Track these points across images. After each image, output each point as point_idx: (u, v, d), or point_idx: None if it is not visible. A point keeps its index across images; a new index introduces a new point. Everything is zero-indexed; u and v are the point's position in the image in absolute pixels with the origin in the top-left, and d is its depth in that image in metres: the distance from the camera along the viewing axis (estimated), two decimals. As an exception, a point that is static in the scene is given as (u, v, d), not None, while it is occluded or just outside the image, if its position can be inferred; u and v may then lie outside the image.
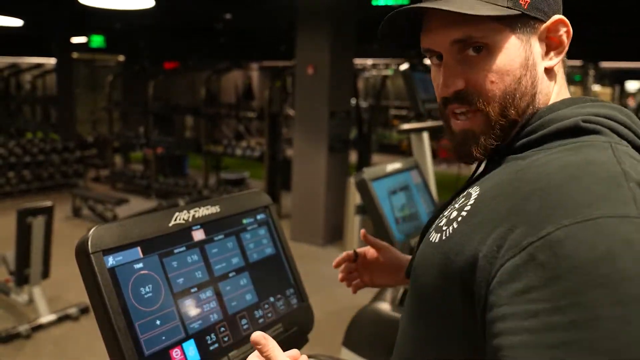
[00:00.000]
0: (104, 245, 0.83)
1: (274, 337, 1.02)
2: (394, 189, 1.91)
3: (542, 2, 0.70)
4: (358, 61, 10.79)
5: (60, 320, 3.62)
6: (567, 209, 0.55)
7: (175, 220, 0.95)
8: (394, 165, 1.98)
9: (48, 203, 3.53)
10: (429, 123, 2.97)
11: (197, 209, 1.00)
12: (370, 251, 1.13)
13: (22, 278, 3.46)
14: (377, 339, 1.72)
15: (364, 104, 10.76)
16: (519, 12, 0.68)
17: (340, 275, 1.15)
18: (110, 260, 0.83)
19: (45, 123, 10.39)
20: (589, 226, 0.53)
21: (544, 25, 0.71)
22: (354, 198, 5.13)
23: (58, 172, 7.49)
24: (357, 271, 1.15)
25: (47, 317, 3.55)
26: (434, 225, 0.75)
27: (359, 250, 1.13)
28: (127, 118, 10.05)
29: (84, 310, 3.72)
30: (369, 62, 11.91)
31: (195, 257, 0.97)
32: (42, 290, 3.59)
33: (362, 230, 1.14)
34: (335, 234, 5.51)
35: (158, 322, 0.86)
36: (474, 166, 0.84)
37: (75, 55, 9.99)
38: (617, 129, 0.66)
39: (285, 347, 0.81)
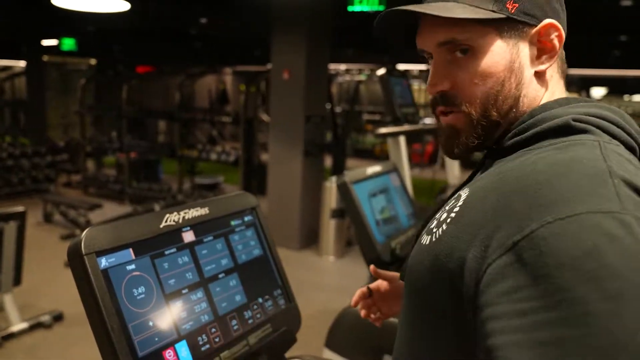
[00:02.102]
0: (97, 247, 0.83)
1: (261, 339, 1.04)
2: (374, 191, 1.94)
3: (533, 7, 0.71)
4: (331, 66, 10.85)
5: (33, 328, 3.53)
6: (550, 206, 0.55)
7: (166, 221, 0.96)
8: (374, 168, 2.02)
9: (20, 208, 3.45)
10: (405, 127, 3.02)
11: (186, 210, 1.01)
12: (383, 284, 1.13)
13: (-8, 285, 3.37)
14: (359, 340, 1.74)
15: (337, 109, 10.81)
16: (504, 16, 0.69)
17: (362, 313, 1.14)
18: (104, 262, 0.84)
19: (14, 127, 10.14)
20: (573, 222, 0.53)
21: (535, 29, 0.71)
22: (330, 202, 5.16)
23: (28, 177, 7.31)
24: (375, 305, 1.14)
25: (18, 326, 3.46)
26: (426, 228, 0.76)
27: (371, 285, 1.14)
28: (100, 122, 9.89)
29: (57, 318, 3.64)
30: (342, 67, 11.99)
31: (185, 259, 0.98)
32: (14, 297, 3.50)
33: (372, 267, 1.13)
34: (311, 238, 5.53)
35: (151, 324, 0.87)
36: (454, 171, 0.87)
37: (45, 58, 9.79)
38: (608, 128, 0.67)
39: (274, 347, 0.83)
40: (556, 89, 0.76)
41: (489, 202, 0.63)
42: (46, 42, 9.22)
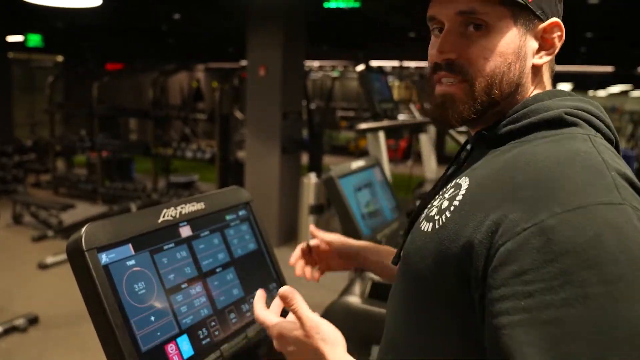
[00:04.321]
0: (97, 243, 0.82)
1: (259, 332, 1.05)
2: (359, 185, 1.96)
3: (545, 3, 0.74)
4: (306, 63, 10.86)
5: (7, 332, 3.44)
6: (558, 197, 0.60)
7: (164, 216, 0.96)
8: (358, 163, 2.04)
9: (-8, 209, 3.36)
10: (385, 122, 3.05)
11: (183, 205, 1.00)
12: (322, 243, 1.18)
13: (-36, 289, 3.27)
14: (348, 332, 1.75)
15: (312, 106, 10.83)
16: (524, 4, 0.71)
17: (297, 271, 1.17)
18: (104, 258, 0.83)
19: (-22, 127, 9.82)
20: (579, 213, 0.58)
21: (542, 25, 0.75)
22: (308, 198, 5.17)
23: (-5, 177, 7.11)
24: (314, 262, 1.19)
25: (-8, 330, 3.38)
26: (423, 215, 0.78)
27: (311, 243, 1.18)
28: (70, 121, 9.67)
29: (32, 321, 3.55)
30: (316, 64, 12.00)
31: (183, 253, 0.97)
32: (-14, 301, 3.42)
33: (311, 226, 1.20)
34: (289, 235, 5.53)
35: (152, 318, 0.86)
36: (431, 165, 0.88)
37: (10, 54, 9.51)
38: (593, 122, 0.71)
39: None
40: (546, 85, 0.80)
41: (495, 190, 0.66)
42: (11, 38, 8.95)
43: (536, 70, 0.77)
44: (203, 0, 6.09)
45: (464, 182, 0.73)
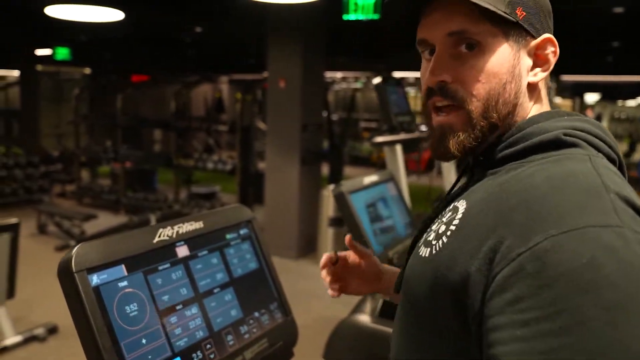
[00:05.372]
0: (88, 264, 0.81)
1: (259, 352, 1.02)
2: (371, 201, 1.93)
3: (536, 19, 0.72)
4: (328, 74, 10.88)
5: (27, 341, 3.49)
6: (553, 220, 0.57)
7: (159, 236, 0.94)
8: (371, 178, 2.00)
9: (13, 220, 3.41)
10: (401, 136, 3.01)
11: (180, 224, 0.99)
12: (351, 257, 1.09)
13: (-15, 298, 3.33)
14: (357, 351, 1.72)
15: (334, 117, 10.83)
16: (514, 21, 0.70)
17: (326, 278, 1.09)
18: (95, 279, 0.82)
19: (7, 137, 10.10)
20: (574, 236, 0.55)
21: (534, 42, 0.73)
22: (327, 210, 5.14)
23: (22, 187, 7.26)
24: (335, 276, 1.10)
25: (12, 339, 3.41)
26: (422, 240, 0.76)
27: (340, 253, 1.10)
28: (94, 132, 9.86)
29: (51, 331, 3.60)
30: (339, 75, 12.02)
31: (179, 274, 0.96)
32: (7, 310, 3.46)
33: (348, 236, 1.10)
34: (308, 247, 5.50)
35: (144, 341, 0.85)
36: (451, 178, 0.85)
37: (39, 67, 9.77)
38: (593, 142, 0.69)
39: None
40: (543, 102, 0.77)
41: (490, 215, 0.64)
42: (40, 52, 9.20)
43: (532, 88, 0.75)
44: (222, 12, 6.16)
45: (461, 205, 0.71)
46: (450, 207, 0.74)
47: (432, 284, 0.68)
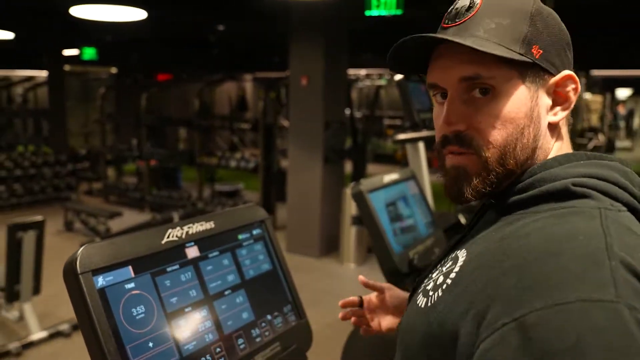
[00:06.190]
0: (93, 265, 0.79)
1: (271, 357, 0.99)
2: (391, 200, 1.88)
3: (554, 56, 0.68)
4: (351, 71, 10.81)
5: (52, 337, 3.55)
6: (541, 290, 0.54)
7: (168, 237, 0.92)
8: (391, 176, 1.96)
9: (39, 218, 3.47)
10: (424, 133, 2.95)
11: (190, 225, 0.96)
12: (373, 296, 1.11)
13: (12, 294, 3.39)
14: (375, 354, 1.68)
15: (358, 114, 10.76)
16: (530, 61, 0.66)
17: (352, 320, 1.12)
18: (100, 281, 0.80)
19: (36, 136, 10.33)
20: (561, 311, 0.52)
21: (553, 80, 0.69)
22: (350, 209, 5.09)
23: (50, 185, 7.42)
24: (364, 317, 1.12)
25: (38, 334, 3.48)
26: (421, 287, 0.75)
27: (365, 297, 1.11)
28: (120, 130, 10.00)
29: (76, 327, 3.65)
30: (362, 72, 11.94)
31: (189, 275, 0.93)
32: (33, 306, 3.52)
33: (361, 277, 1.10)
34: (331, 245, 5.47)
35: (151, 345, 0.82)
36: None
37: (67, 67, 9.95)
38: (609, 190, 0.63)
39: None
40: (565, 142, 0.73)
41: (483, 275, 0.61)
42: (67, 52, 9.37)
43: (553, 127, 0.71)
44: (245, 11, 6.16)
45: (461, 256, 0.69)
46: (453, 255, 0.72)
47: (424, 336, 0.67)
